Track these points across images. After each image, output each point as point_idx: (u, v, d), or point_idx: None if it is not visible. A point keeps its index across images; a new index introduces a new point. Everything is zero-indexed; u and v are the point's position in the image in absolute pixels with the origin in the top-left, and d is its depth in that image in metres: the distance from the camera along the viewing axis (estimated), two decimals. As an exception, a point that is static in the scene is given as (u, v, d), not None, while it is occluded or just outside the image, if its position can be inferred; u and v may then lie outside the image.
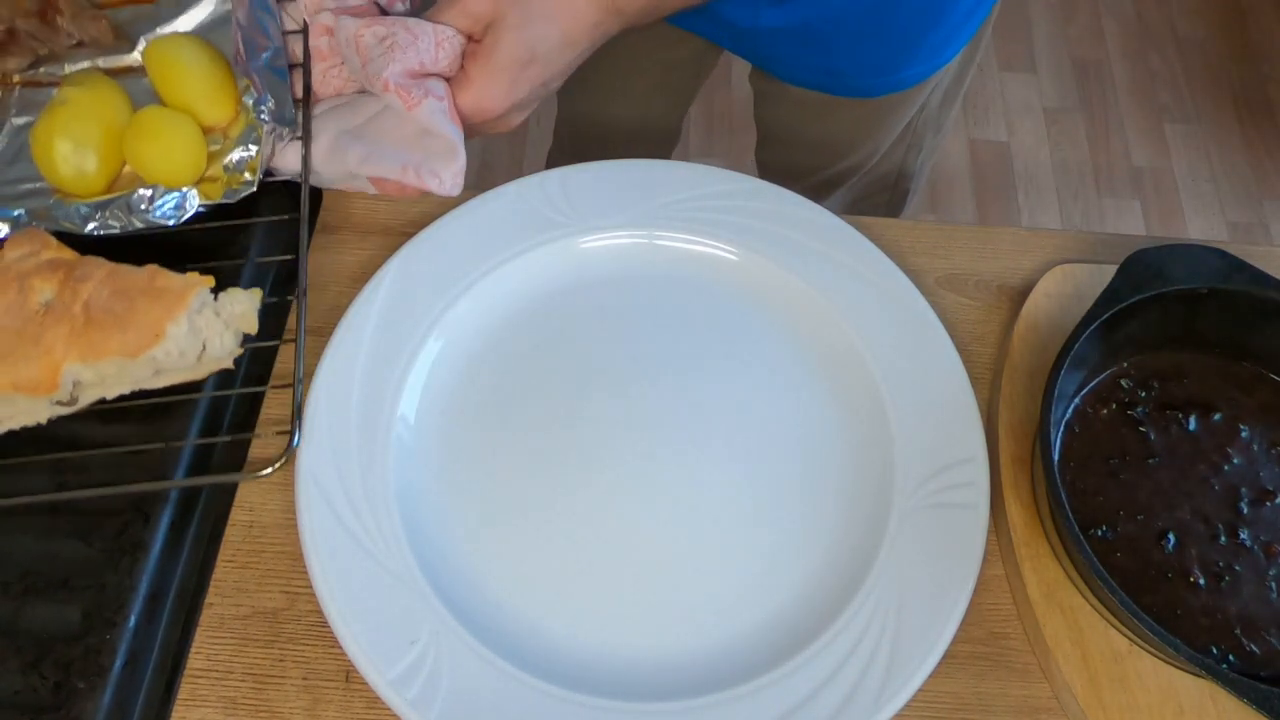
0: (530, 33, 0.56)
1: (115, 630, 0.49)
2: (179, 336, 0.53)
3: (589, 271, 0.63)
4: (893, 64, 0.79)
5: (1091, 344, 0.55)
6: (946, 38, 0.79)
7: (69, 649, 0.49)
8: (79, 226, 0.57)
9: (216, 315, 0.55)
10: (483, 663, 0.50)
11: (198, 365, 0.55)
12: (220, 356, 0.55)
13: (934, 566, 0.53)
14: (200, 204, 0.57)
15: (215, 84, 0.59)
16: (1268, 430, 0.57)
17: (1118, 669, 0.51)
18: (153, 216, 0.57)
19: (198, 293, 0.53)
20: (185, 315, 0.53)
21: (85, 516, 0.52)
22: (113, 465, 0.53)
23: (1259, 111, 1.94)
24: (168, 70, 0.59)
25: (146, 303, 0.52)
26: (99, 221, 0.57)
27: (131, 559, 0.51)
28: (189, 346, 0.54)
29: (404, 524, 0.54)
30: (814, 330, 0.61)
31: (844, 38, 0.76)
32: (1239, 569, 0.53)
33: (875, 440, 0.58)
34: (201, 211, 0.57)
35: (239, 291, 0.56)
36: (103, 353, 0.51)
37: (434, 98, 0.56)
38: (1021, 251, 0.67)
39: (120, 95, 0.59)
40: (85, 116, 0.57)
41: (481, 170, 1.73)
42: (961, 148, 1.87)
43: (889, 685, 0.50)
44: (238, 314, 0.55)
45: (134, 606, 0.50)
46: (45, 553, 0.51)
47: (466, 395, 0.59)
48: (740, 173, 0.66)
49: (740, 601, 0.54)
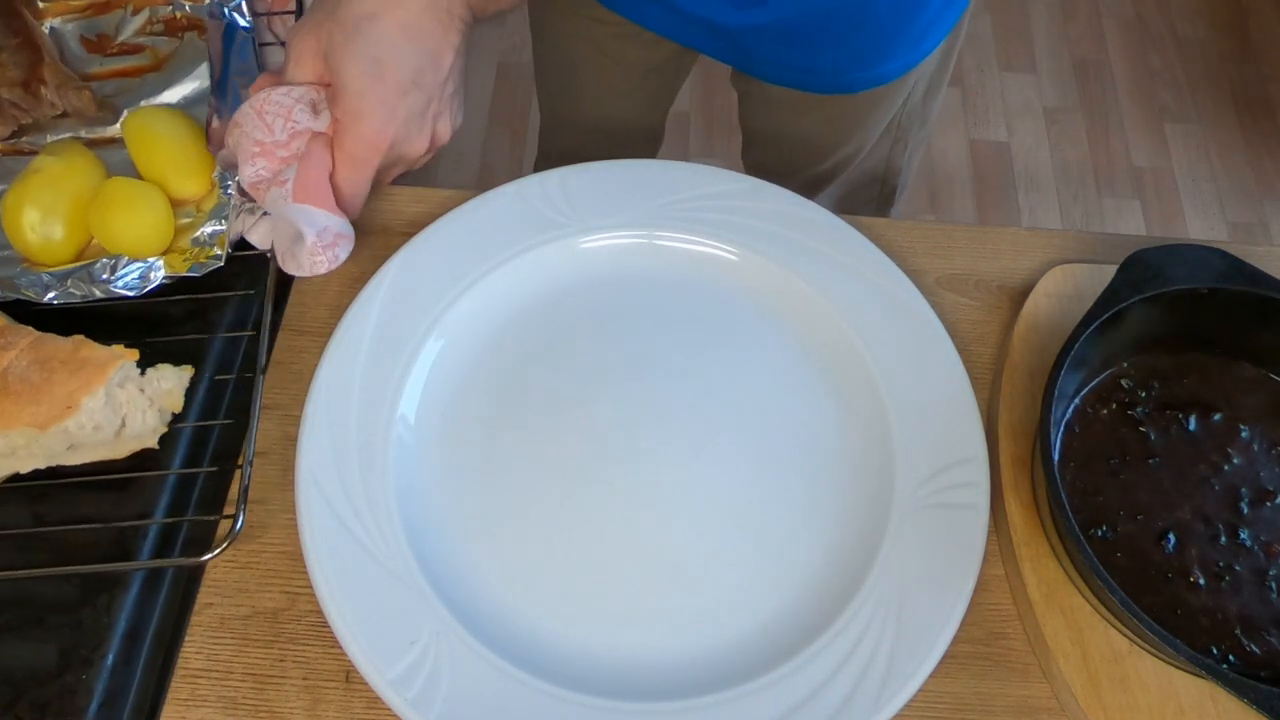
0: (361, 44, 0.53)
1: (92, 669, 0.49)
2: (94, 411, 0.51)
3: (589, 271, 0.63)
4: (873, 58, 0.79)
5: (1091, 344, 0.55)
6: (925, 30, 0.79)
7: (44, 689, 0.48)
8: (39, 295, 0.55)
9: (141, 391, 0.53)
10: (483, 663, 0.50)
11: (116, 443, 0.52)
12: (141, 434, 0.53)
13: (934, 566, 0.53)
14: (165, 276, 0.56)
15: (190, 157, 0.59)
16: (1268, 430, 0.57)
17: (1118, 669, 0.51)
18: (114, 287, 0.56)
19: (120, 366, 0.52)
20: (103, 389, 0.51)
21: (63, 551, 0.51)
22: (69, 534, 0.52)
23: (1259, 111, 1.94)
24: (144, 141, 0.59)
25: (65, 374, 0.51)
26: (60, 290, 0.56)
27: (109, 596, 0.50)
28: (106, 422, 0.52)
29: (404, 524, 0.54)
30: (814, 330, 0.61)
31: (823, 34, 0.76)
32: (1239, 569, 0.53)
33: (875, 440, 0.58)
34: (166, 283, 0.56)
35: (169, 368, 0.54)
36: (13, 422, 0.50)
37: (276, 185, 0.56)
38: (1021, 251, 0.67)
39: (95, 165, 0.59)
40: (56, 186, 0.57)
41: (482, 170, 1.73)
42: (961, 148, 1.87)
43: (889, 685, 0.50)
44: (164, 391, 0.53)
45: (112, 645, 0.50)
46: (20, 590, 0.50)
47: (466, 395, 0.59)
48: (740, 173, 0.66)
49: (740, 601, 0.54)
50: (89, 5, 0.66)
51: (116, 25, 0.66)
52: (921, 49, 0.80)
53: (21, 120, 0.62)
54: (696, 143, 1.81)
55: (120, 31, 0.66)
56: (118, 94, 0.65)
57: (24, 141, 0.63)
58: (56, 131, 0.63)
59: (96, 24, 0.67)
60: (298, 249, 0.57)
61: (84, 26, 0.66)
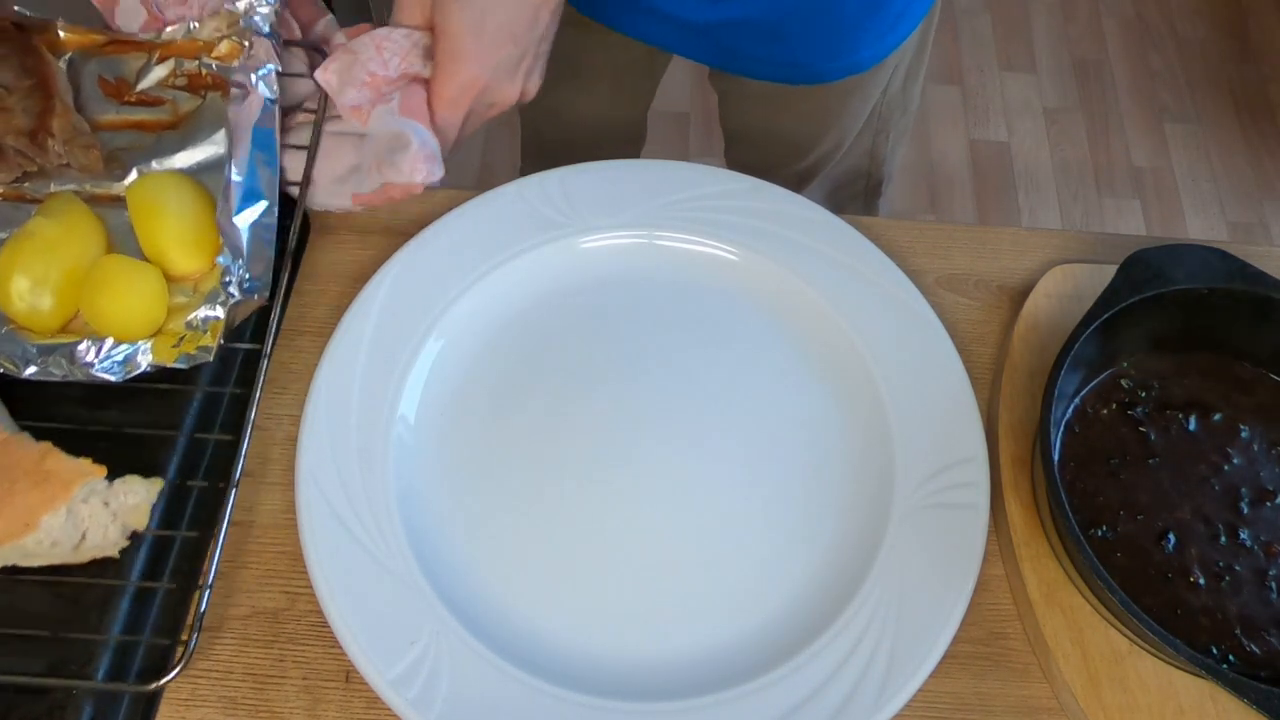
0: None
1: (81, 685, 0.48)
2: (54, 528, 0.49)
3: (589, 271, 0.63)
4: (848, 46, 0.79)
5: (1091, 344, 0.55)
6: (900, 14, 0.79)
7: (34, 704, 0.48)
8: (19, 369, 0.53)
9: (105, 505, 0.50)
10: (483, 663, 0.50)
11: (74, 554, 0.50)
12: (102, 546, 0.50)
13: (934, 566, 0.53)
14: (150, 364, 0.54)
15: (195, 232, 0.56)
16: (1268, 430, 0.57)
17: (1118, 669, 0.51)
18: (95, 371, 0.53)
19: (85, 484, 0.50)
20: (66, 507, 0.49)
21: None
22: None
23: (1259, 111, 1.94)
24: (147, 210, 0.56)
25: (27, 486, 0.49)
26: (40, 367, 0.53)
27: (100, 611, 0.50)
28: (65, 537, 0.49)
29: (404, 524, 0.54)
30: (814, 330, 0.61)
31: (795, 24, 0.76)
32: (1239, 569, 0.53)
33: (875, 440, 0.58)
34: (149, 372, 0.54)
35: (137, 481, 0.51)
36: None
37: (382, 104, 0.57)
38: (1021, 251, 0.67)
39: (95, 230, 0.57)
40: (49, 254, 0.54)
41: (482, 170, 1.73)
42: (961, 148, 1.87)
43: (889, 685, 0.50)
44: (129, 506, 0.51)
45: (102, 659, 0.49)
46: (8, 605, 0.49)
47: (466, 395, 0.59)
48: (740, 173, 0.66)
49: (741, 601, 0.54)
50: (111, 42, 0.63)
51: (138, 72, 0.63)
52: (897, 33, 0.81)
53: (26, 167, 0.59)
54: (696, 143, 1.81)
55: (141, 79, 0.63)
56: (130, 148, 0.61)
57: (26, 188, 0.60)
58: (61, 180, 0.60)
59: (117, 65, 0.63)
60: (398, 157, 0.56)
61: (104, 66, 0.63)
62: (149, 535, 0.52)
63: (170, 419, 0.55)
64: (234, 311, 0.55)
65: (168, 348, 0.54)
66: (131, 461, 0.53)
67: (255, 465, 0.57)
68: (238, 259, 0.55)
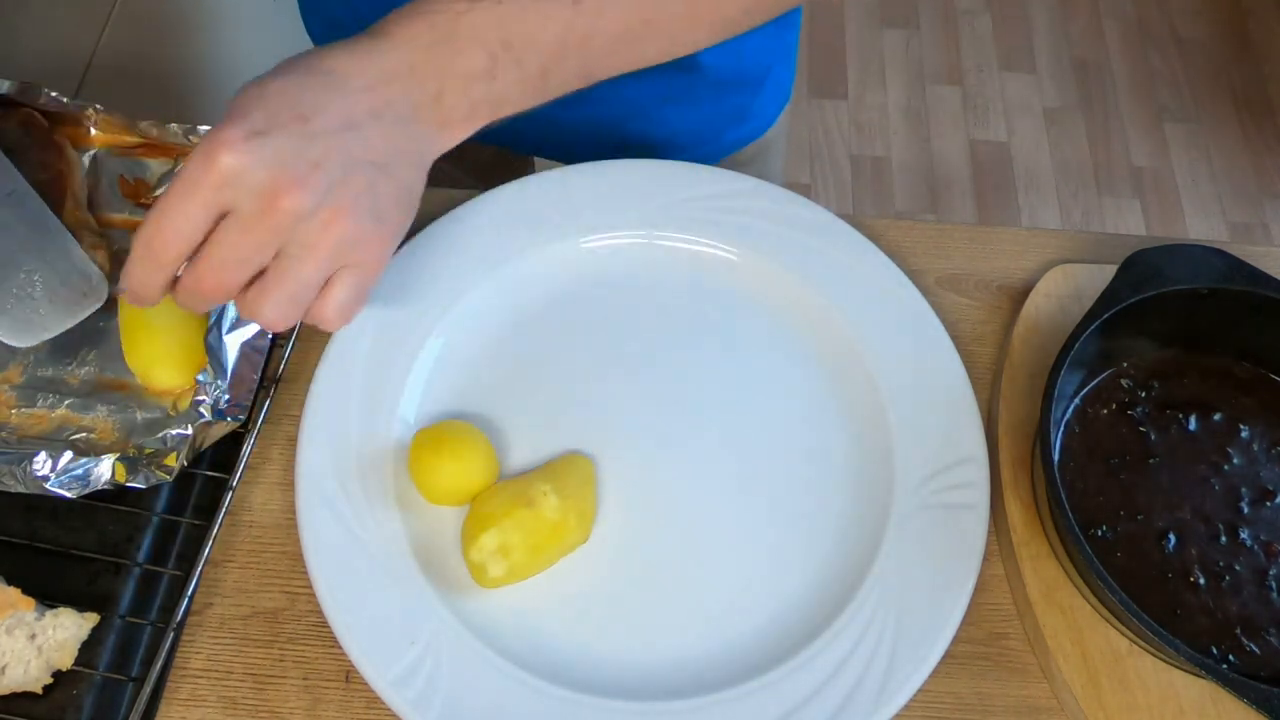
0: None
1: (82, 685, 0.48)
2: None
3: (589, 271, 0.63)
4: (710, 133, 0.79)
5: (1091, 344, 0.55)
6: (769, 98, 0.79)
7: (34, 706, 0.47)
8: None
9: (31, 639, 0.48)
10: (483, 663, 0.50)
11: None
12: (23, 683, 0.48)
13: (934, 566, 0.53)
14: (108, 482, 0.52)
15: (182, 348, 0.56)
16: (1268, 430, 0.57)
17: (1118, 669, 0.51)
18: (50, 486, 0.52)
19: (11, 615, 0.48)
20: None
21: (54, 559, 0.50)
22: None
23: (1259, 111, 1.94)
24: (135, 321, 0.56)
25: None
26: None
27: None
28: None
29: (404, 524, 0.54)
30: (814, 330, 0.61)
31: (642, 121, 0.75)
32: (1239, 569, 0.53)
33: (875, 440, 0.58)
34: (108, 490, 0.52)
35: (70, 615, 0.49)
36: None
37: None
38: (1021, 251, 0.67)
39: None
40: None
41: (481, 170, 1.72)
42: (961, 148, 1.87)
43: (889, 685, 0.50)
44: (58, 642, 0.48)
45: (102, 658, 0.49)
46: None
47: (466, 395, 0.59)
48: (740, 173, 0.66)
49: (740, 601, 0.54)
50: (141, 145, 0.63)
51: (161, 175, 0.63)
52: (768, 113, 0.81)
53: None
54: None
55: (161, 184, 0.62)
56: None
57: None
58: None
59: (141, 167, 0.63)
60: None
61: (127, 166, 0.63)
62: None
63: (120, 546, 0.53)
64: (203, 433, 0.54)
65: (126, 469, 0.52)
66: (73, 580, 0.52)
67: (255, 465, 0.57)
68: (219, 378, 0.54)
